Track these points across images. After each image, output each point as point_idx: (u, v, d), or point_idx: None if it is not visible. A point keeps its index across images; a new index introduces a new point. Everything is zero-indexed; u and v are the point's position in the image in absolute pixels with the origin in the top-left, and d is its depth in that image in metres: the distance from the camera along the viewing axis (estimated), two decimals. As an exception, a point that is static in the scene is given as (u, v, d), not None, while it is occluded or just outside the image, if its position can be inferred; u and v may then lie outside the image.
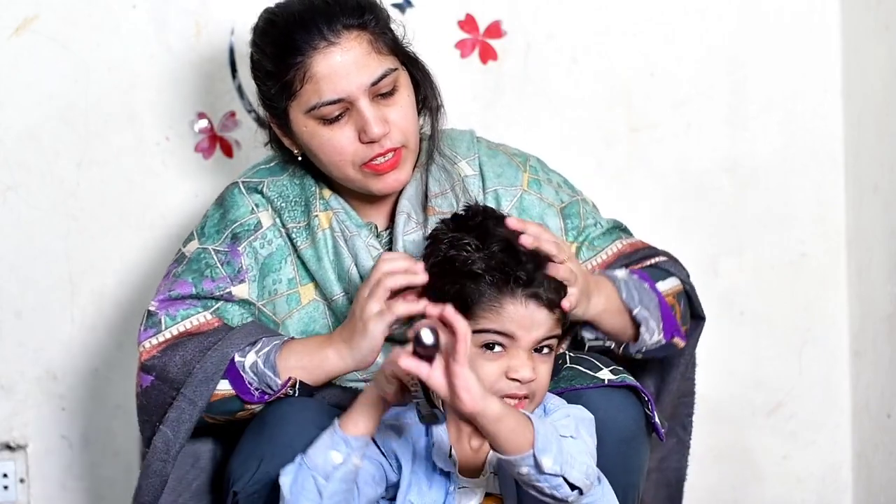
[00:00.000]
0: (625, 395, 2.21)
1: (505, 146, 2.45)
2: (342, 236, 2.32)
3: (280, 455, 2.09)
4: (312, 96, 2.24)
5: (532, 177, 2.40)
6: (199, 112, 2.82)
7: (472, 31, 2.86)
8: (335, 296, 2.31)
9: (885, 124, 2.82)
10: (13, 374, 2.84)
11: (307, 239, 2.32)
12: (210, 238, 2.34)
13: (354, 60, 2.23)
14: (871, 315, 2.90)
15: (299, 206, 2.34)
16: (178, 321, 2.30)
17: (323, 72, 2.22)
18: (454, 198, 2.34)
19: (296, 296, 2.33)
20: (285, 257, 2.33)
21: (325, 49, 2.22)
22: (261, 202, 2.34)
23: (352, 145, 2.25)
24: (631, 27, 2.89)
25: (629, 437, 2.20)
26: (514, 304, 2.04)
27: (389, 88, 2.26)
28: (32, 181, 2.80)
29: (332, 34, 2.22)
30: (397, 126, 2.26)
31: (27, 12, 2.77)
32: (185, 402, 2.23)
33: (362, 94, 2.23)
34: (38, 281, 2.82)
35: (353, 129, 2.25)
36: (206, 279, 2.31)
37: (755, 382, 2.97)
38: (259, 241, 2.32)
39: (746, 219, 2.94)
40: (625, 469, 2.19)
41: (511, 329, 2.04)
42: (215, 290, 2.30)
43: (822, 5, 2.91)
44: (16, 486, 2.86)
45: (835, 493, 2.99)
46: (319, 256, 2.31)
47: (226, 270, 2.31)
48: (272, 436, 2.12)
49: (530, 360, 2.05)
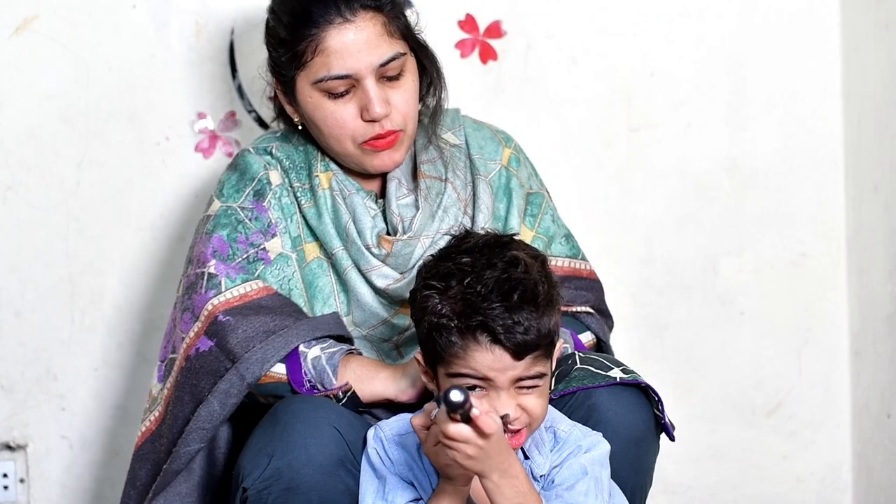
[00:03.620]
0: (635, 396, 2.21)
1: (489, 124, 2.52)
2: (341, 195, 2.37)
3: (291, 452, 2.09)
4: (321, 69, 2.29)
5: (513, 153, 2.46)
6: (199, 112, 2.82)
7: (472, 31, 2.86)
8: (335, 250, 2.36)
9: (885, 124, 2.82)
10: (13, 374, 2.84)
11: (310, 199, 2.38)
12: (231, 198, 2.38)
13: (367, 39, 2.29)
14: (871, 315, 2.90)
15: (304, 169, 2.40)
16: (237, 283, 2.32)
17: (335, 46, 2.28)
18: (442, 165, 2.40)
19: (301, 253, 2.37)
20: (291, 215, 2.38)
21: (340, 25, 2.28)
22: (271, 162, 2.40)
23: (353, 121, 2.32)
24: (631, 27, 2.89)
25: (639, 437, 2.20)
26: (480, 350, 1.99)
27: (396, 72, 2.32)
28: (32, 181, 2.80)
29: (349, 11, 2.28)
30: (399, 109, 2.33)
31: (27, 12, 2.77)
32: (237, 377, 2.25)
33: (370, 74, 2.29)
34: (38, 281, 2.82)
35: (356, 105, 2.31)
36: (239, 236, 2.35)
37: (755, 382, 2.97)
38: (276, 196, 2.38)
39: (746, 219, 2.94)
40: (634, 470, 2.19)
41: (483, 372, 2.00)
42: (249, 248, 2.34)
43: (822, 5, 2.91)
44: (16, 486, 2.86)
45: (835, 493, 3.00)
46: (320, 213, 2.37)
47: (256, 225, 2.36)
48: (284, 433, 2.11)
49: (512, 397, 2.01)
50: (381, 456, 2.09)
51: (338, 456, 2.10)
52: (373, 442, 2.11)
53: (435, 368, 2.06)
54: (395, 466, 2.09)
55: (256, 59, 2.80)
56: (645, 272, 2.94)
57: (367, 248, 2.35)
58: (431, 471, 2.07)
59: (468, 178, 2.42)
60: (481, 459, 1.94)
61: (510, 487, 1.97)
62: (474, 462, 1.95)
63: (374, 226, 2.36)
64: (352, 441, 2.13)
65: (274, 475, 2.10)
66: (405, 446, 2.09)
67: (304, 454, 2.09)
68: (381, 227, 2.37)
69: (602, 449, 2.09)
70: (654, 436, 2.23)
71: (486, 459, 1.94)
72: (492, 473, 1.96)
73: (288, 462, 2.09)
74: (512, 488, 1.97)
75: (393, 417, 2.14)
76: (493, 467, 1.96)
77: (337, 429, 2.12)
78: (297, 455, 2.09)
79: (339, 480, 2.10)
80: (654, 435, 2.23)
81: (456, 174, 2.40)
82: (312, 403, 2.17)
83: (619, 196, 2.91)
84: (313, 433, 2.10)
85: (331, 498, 2.10)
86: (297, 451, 2.09)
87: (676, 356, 2.94)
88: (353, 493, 2.11)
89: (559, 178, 2.85)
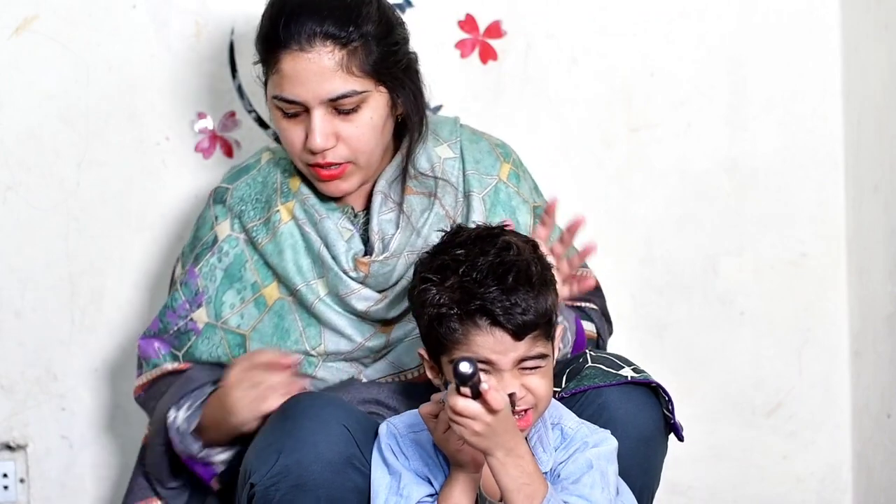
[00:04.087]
0: (645, 395, 2.22)
1: (489, 135, 2.49)
2: (309, 222, 2.35)
3: (299, 449, 2.09)
4: (276, 87, 2.29)
5: (513, 169, 2.44)
6: (199, 112, 2.82)
7: (472, 31, 2.86)
8: (298, 286, 2.34)
9: (885, 124, 2.82)
10: (13, 374, 2.84)
11: (267, 234, 2.36)
12: (185, 258, 2.43)
13: (318, 72, 2.25)
14: (871, 315, 2.90)
15: (259, 203, 2.38)
16: (150, 368, 2.41)
17: (287, 71, 2.27)
18: (433, 179, 2.37)
19: (262, 299, 2.36)
20: (244, 263, 2.37)
21: (296, 52, 2.26)
22: (220, 213, 2.40)
23: (299, 144, 2.31)
24: (631, 27, 2.89)
25: (648, 437, 2.20)
26: (481, 334, 2.02)
27: (350, 107, 2.28)
28: (32, 181, 2.80)
29: (307, 41, 2.25)
30: (347, 143, 2.29)
31: (27, 12, 2.77)
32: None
33: (317, 105, 2.27)
34: (38, 281, 2.82)
35: (303, 129, 2.30)
36: (168, 310, 2.40)
37: (755, 382, 2.97)
38: (216, 255, 2.38)
39: (746, 219, 2.94)
40: (643, 469, 2.19)
41: (486, 355, 2.02)
42: (178, 321, 2.38)
43: (822, 5, 2.91)
44: (16, 486, 2.86)
45: (835, 493, 3.00)
46: (281, 249, 2.35)
47: (184, 293, 2.39)
48: (293, 429, 2.11)
49: (516, 377, 2.03)
50: (394, 451, 2.10)
51: (347, 453, 2.10)
52: (386, 437, 2.11)
53: (439, 361, 2.07)
54: (410, 462, 2.09)
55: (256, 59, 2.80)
56: (645, 272, 2.94)
57: (345, 272, 2.33)
58: (447, 465, 2.07)
59: (460, 193, 2.38)
60: (488, 436, 1.95)
61: (515, 467, 1.98)
62: (481, 439, 1.96)
63: (349, 248, 2.34)
64: (361, 439, 2.12)
65: (282, 472, 2.09)
66: (419, 442, 2.10)
67: (313, 451, 2.09)
68: (357, 248, 2.35)
69: (609, 445, 2.10)
70: (662, 436, 2.24)
71: (492, 436, 1.96)
72: (497, 451, 1.97)
73: (296, 459, 2.09)
74: (517, 468, 1.98)
75: (404, 413, 2.15)
76: (498, 444, 1.97)
77: (346, 426, 2.11)
78: (306, 452, 2.09)
79: (348, 478, 2.10)
80: (663, 435, 2.24)
81: (446, 189, 2.37)
82: (322, 400, 2.17)
83: (619, 196, 2.91)
84: (322, 430, 2.10)
85: (339, 495, 2.09)
86: (305, 447, 2.09)
87: (676, 356, 2.94)
88: (362, 490, 2.11)
89: (559, 178, 2.85)
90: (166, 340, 2.40)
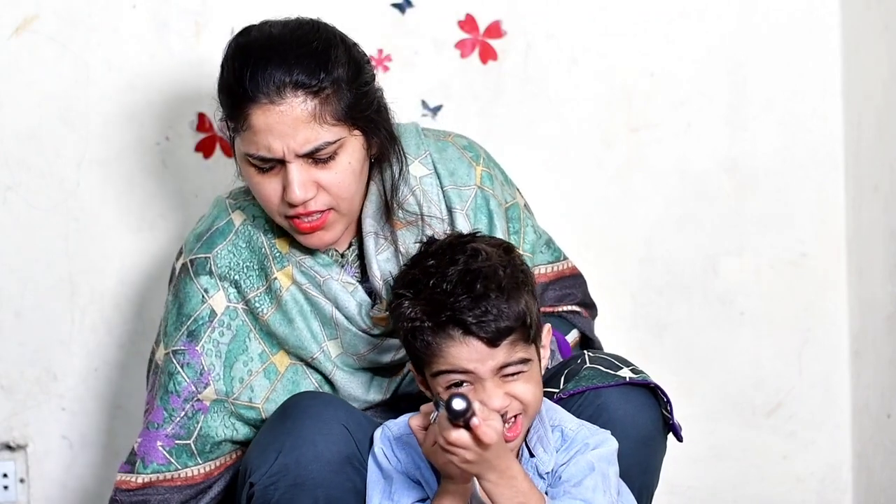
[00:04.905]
0: (644, 396, 2.21)
1: (452, 136, 2.40)
2: (312, 285, 2.27)
3: (299, 448, 2.09)
4: (249, 145, 2.17)
5: (484, 171, 2.36)
6: (199, 112, 2.82)
7: (472, 31, 2.86)
8: (315, 355, 2.27)
9: (885, 124, 2.82)
10: (13, 374, 2.84)
11: (271, 304, 2.27)
12: (170, 337, 2.28)
13: (292, 124, 2.14)
14: (871, 315, 2.90)
15: (253, 270, 2.28)
16: (147, 472, 2.28)
17: (259, 126, 2.15)
18: (415, 202, 2.30)
19: (272, 367, 2.28)
20: (247, 334, 2.27)
21: (266, 106, 2.14)
22: (210, 285, 2.27)
23: (276, 198, 2.20)
24: (631, 27, 2.89)
25: (647, 437, 2.20)
26: (455, 345, 2.00)
27: (327, 156, 2.18)
28: (32, 181, 2.80)
29: (277, 93, 2.14)
30: (329, 190, 2.19)
31: (27, 12, 2.77)
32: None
33: (292, 158, 2.16)
34: (38, 281, 2.82)
35: (280, 183, 2.19)
36: (171, 395, 2.26)
37: (755, 382, 2.97)
38: (217, 329, 2.27)
39: (746, 219, 2.94)
40: (642, 470, 2.19)
41: (463, 366, 2.01)
42: (184, 405, 2.26)
43: (822, 5, 2.91)
44: (16, 486, 2.86)
45: (835, 493, 2.99)
46: (290, 318, 2.27)
47: (188, 374, 2.26)
48: (293, 429, 2.11)
49: (499, 387, 2.02)
50: (387, 455, 2.10)
51: (346, 453, 2.10)
52: (380, 441, 2.11)
53: (423, 372, 2.07)
54: (403, 465, 2.09)
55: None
56: (645, 272, 2.94)
57: (365, 331, 2.26)
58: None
59: (443, 211, 2.31)
60: (479, 463, 1.95)
61: (508, 487, 1.98)
62: (472, 465, 1.96)
63: (360, 304, 2.26)
64: (360, 439, 2.12)
65: (281, 471, 2.09)
66: (412, 445, 2.09)
67: (313, 450, 2.08)
68: (363, 300, 2.27)
69: (610, 446, 2.09)
70: (662, 436, 2.24)
71: (483, 463, 1.96)
72: (489, 474, 1.97)
73: (296, 458, 2.08)
74: (510, 488, 1.98)
75: (400, 417, 2.14)
76: (490, 468, 1.97)
77: (346, 426, 2.11)
78: (305, 451, 2.08)
79: (347, 478, 2.10)
80: (662, 435, 2.24)
81: (430, 209, 2.30)
82: (321, 400, 2.17)
83: (619, 196, 2.91)
84: (322, 430, 2.10)
85: (337, 495, 2.09)
86: (305, 447, 2.08)
87: (676, 356, 2.94)
88: (360, 491, 2.11)
89: (559, 178, 2.86)
90: (171, 436, 2.26)
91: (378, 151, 2.25)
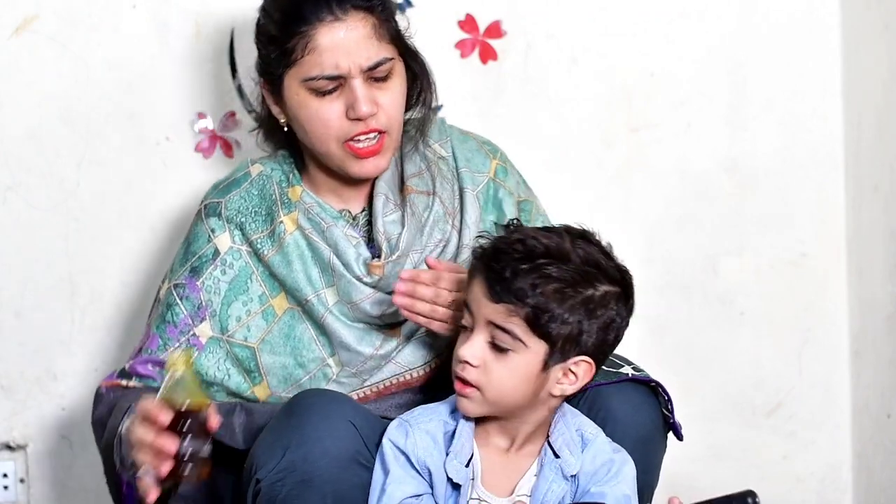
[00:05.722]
0: (645, 395, 2.22)
1: (475, 134, 2.50)
2: (315, 231, 2.34)
3: (306, 445, 2.09)
4: (313, 67, 2.28)
5: (500, 164, 2.45)
6: (199, 112, 2.82)
7: (472, 31, 2.86)
8: (308, 296, 2.32)
9: (885, 124, 2.82)
10: (13, 374, 2.84)
11: (273, 246, 2.34)
12: (175, 273, 2.38)
13: (357, 40, 2.27)
14: (871, 315, 2.90)
15: (260, 214, 2.36)
16: (136, 382, 2.33)
17: (325, 45, 2.26)
18: (430, 177, 2.38)
19: (270, 310, 2.34)
20: (250, 275, 2.35)
21: (331, 23, 2.26)
22: (217, 226, 2.37)
23: (338, 120, 2.29)
24: (631, 27, 2.89)
25: (647, 436, 2.21)
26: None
27: (384, 74, 2.30)
28: (32, 181, 2.80)
29: (340, 10, 2.26)
30: (385, 110, 2.30)
31: (27, 12, 2.77)
32: None
33: (358, 74, 2.27)
34: (38, 281, 2.82)
35: (342, 104, 2.29)
36: (168, 325, 2.34)
37: (755, 382, 2.97)
38: (219, 268, 2.35)
39: (746, 219, 2.94)
40: (642, 468, 2.20)
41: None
42: (180, 336, 2.33)
43: (822, 5, 2.91)
44: (16, 486, 2.86)
45: (835, 493, 3.00)
46: (289, 260, 2.33)
47: (185, 307, 2.34)
48: (299, 425, 2.11)
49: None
50: (396, 444, 2.10)
51: (353, 449, 2.11)
52: (395, 428, 2.12)
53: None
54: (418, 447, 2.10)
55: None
56: (645, 272, 2.92)
57: (358, 278, 2.32)
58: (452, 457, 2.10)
59: (455, 190, 2.40)
60: None
61: None
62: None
63: (359, 255, 2.33)
64: (367, 435, 2.13)
65: (288, 467, 2.10)
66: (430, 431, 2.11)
67: (320, 447, 2.09)
68: (365, 254, 2.34)
69: (633, 469, 2.14)
70: (662, 435, 2.25)
71: None
72: None
73: (303, 454, 2.09)
74: None
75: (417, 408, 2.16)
76: None
77: (352, 423, 2.12)
78: (312, 447, 2.09)
79: (354, 474, 2.11)
80: (663, 434, 2.25)
81: (444, 186, 2.39)
82: (327, 397, 2.17)
83: (619, 196, 2.91)
84: (329, 426, 2.10)
85: (345, 491, 2.10)
86: (312, 443, 2.09)
87: (676, 356, 2.94)
88: (367, 487, 2.11)
89: (559, 178, 2.86)
90: (163, 362, 2.31)
91: (419, 88, 2.38)
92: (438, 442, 2.10)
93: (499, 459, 2.12)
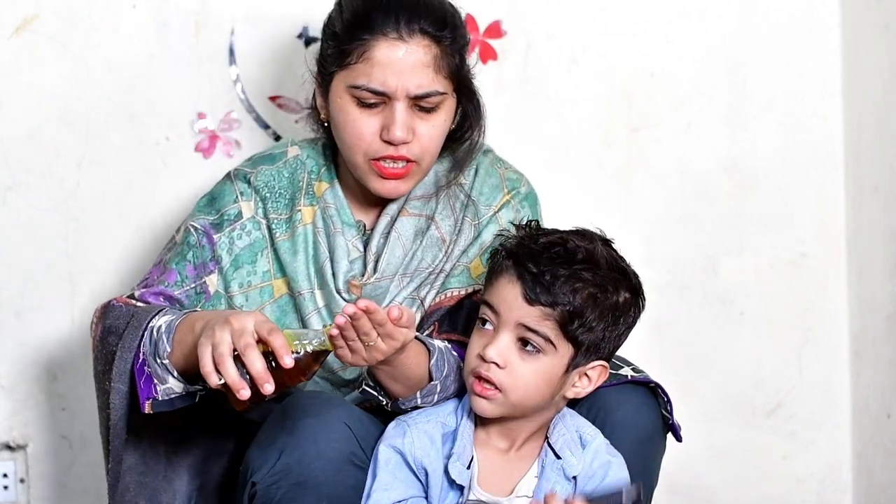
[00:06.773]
0: (644, 396, 2.22)
1: (508, 165, 2.46)
2: (324, 232, 2.34)
3: (301, 447, 2.09)
4: (361, 76, 2.26)
5: (509, 200, 2.41)
6: (199, 112, 2.82)
7: (472, 31, 2.85)
8: (302, 291, 2.33)
9: (885, 124, 2.82)
10: (13, 374, 2.84)
11: (286, 231, 2.35)
12: (196, 217, 2.36)
13: (413, 64, 2.25)
14: (871, 315, 2.90)
15: (284, 197, 2.36)
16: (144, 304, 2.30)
17: (380, 59, 2.25)
18: (434, 202, 2.37)
19: (269, 288, 2.35)
20: (262, 249, 2.35)
21: (394, 41, 2.25)
22: (246, 191, 2.37)
23: (371, 136, 2.28)
24: (631, 27, 2.89)
25: (647, 437, 2.21)
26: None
27: (431, 106, 2.28)
28: (32, 181, 2.80)
29: (407, 31, 2.25)
30: (421, 141, 2.28)
31: (27, 12, 2.77)
32: (126, 352, 2.18)
33: (403, 97, 2.26)
34: (38, 281, 2.82)
35: (379, 122, 2.28)
36: (188, 265, 2.34)
37: (755, 382, 2.97)
38: (238, 231, 2.35)
39: (746, 219, 2.94)
40: (642, 469, 2.20)
41: None
42: (196, 280, 2.32)
43: (822, 5, 2.91)
44: (16, 486, 2.86)
45: (835, 493, 3.00)
46: (296, 250, 2.34)
47: (202, 253, 2.33)
48: (294, 428, 2.12)
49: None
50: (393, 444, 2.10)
51: (348, 451, 2.11)
52: (392, 428, 2.13)
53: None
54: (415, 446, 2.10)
55: (256, 58, 2.80)
56: (645, 272, 2.91)
57: (338, 292, 2.32)
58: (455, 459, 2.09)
59: (459, 218, 2.37)
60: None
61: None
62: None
63: (350, 269, 2.33)
64: (361, 436, 2.13)
65: (284, 470, 2.10)
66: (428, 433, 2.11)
67: (314, 449, 2.09)
68: (356, 270, 2.33)
69: (627, 474, 2.14)
70: (661, 436, 2.25)
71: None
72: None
73: (298, 457, 2.09)
74: None
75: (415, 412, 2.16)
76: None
77: (347, 424, 2.12)
78: (307, 450, 2.09)
79: (349, 475, 2.11)
80: (662, 435, 2.25)
81: (445, 213, 2.37)
82: (322, 399, 2.17)
83: (619, 196, 2.91)
84: (323, 428, 2.10)
85: (340, 493, 2.10)
86: (307, 445, 2.09)
87: (676, 356, 2.94)
88: (362, 488, 2.12)
89: (559, 179, 2.86)
90: (176, 298, 2.30)
91: (468, 126, 2.37)
92: (436, 442, 2.10)
93: (498, 460, 2.12)
